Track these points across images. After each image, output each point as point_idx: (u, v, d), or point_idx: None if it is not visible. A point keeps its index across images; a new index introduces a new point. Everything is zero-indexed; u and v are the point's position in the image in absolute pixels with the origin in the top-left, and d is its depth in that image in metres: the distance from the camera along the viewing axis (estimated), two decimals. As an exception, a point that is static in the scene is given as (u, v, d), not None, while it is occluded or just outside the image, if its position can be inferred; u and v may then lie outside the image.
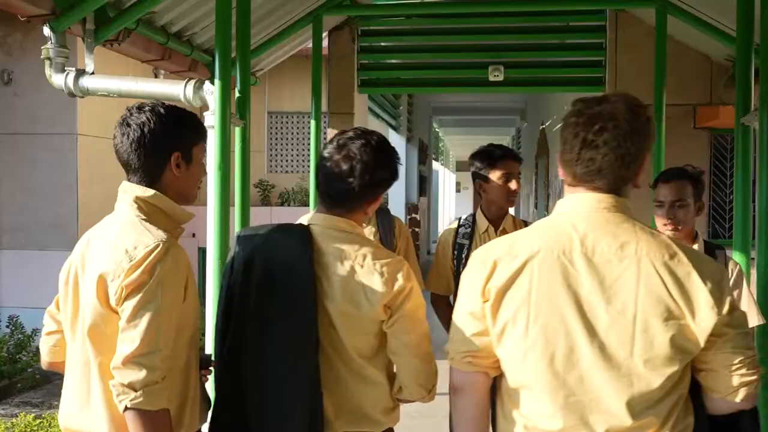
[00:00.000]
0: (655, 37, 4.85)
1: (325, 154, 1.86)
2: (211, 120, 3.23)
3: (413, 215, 12.88)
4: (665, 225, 2.59)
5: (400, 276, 1.77)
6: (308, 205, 6.37)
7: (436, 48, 6.59)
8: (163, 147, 1.75)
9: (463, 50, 6.49)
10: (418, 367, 1.80)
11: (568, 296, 1.41)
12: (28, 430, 4.08)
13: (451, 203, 31.23)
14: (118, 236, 1.69)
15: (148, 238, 1.66)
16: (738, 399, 1.41)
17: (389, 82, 7.04)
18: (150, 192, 1.75)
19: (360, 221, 1.91)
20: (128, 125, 1.74)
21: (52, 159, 6.96)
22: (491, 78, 6.27)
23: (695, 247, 2.59)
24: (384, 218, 3.51)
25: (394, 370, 1.85)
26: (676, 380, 1.40)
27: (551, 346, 1.40)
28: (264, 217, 7.62)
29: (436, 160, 18.93)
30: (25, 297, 6.91)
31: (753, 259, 3.27)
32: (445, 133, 19.54)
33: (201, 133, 1.86)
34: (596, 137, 1.44)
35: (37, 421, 4.15)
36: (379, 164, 1.84)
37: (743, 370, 1.39)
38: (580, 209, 1.48)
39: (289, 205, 9.28)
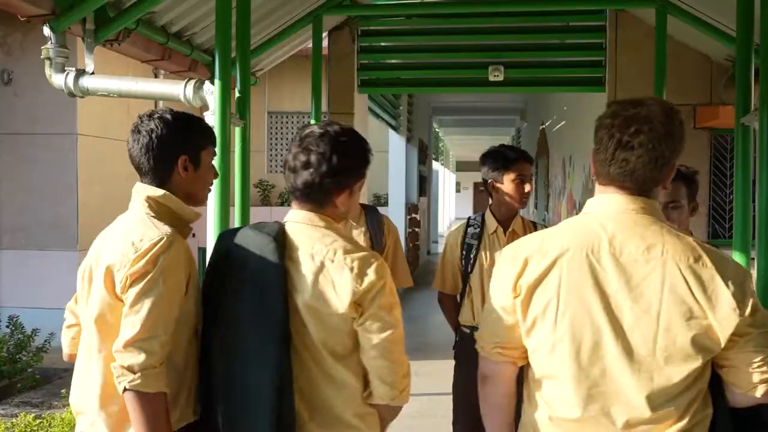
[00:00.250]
0: (655, 37, 4.85)
1: (290, 149, 1.86)
2: (211, 120, 3.23)
3: (413, 215, 12.87)
4: None
5: (370, 271, 1.73)
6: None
7: (436, 48, 6.58)
8: (170, 151, 1.86)
9: (463, 50, 6.49)
10: (388, 369, 1.75)
11: (595, 293, 1.47)
12: (28, 430, 4.07)
13: (451, 203, 31.28)
14: (127, 231, 1.80)
15: (154, 231, 1.77)
16: (759, 394, 1.46)
17: (389, 82, 7.03)
18: (160, 192, 1.86)
19: (334, 216, 1.87)
20: (138, 132, 1.87)
21: (52, 159, 6.95)
22: (491, 78, 6.27)
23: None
24: (373, 217, 3.51)
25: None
26: (696, 376, 1.45)
27: (578, 339, 1.47)
28: (264, 217, 7.60)
29: (436, 160, 18.93)
30: (25, 297, 6.91)
31: (753, 259, 3.27)
32: (445, 133, 19.53)
33: (209, 137, 1.97)
34: (632, 139, 1.49)
35: (37, 421, 4.15)
36: (337, 154, 1.79)
37: (765, 368, 1.44)
38: (608, 209, 1.54)
39: (288, 205, 9.21)
